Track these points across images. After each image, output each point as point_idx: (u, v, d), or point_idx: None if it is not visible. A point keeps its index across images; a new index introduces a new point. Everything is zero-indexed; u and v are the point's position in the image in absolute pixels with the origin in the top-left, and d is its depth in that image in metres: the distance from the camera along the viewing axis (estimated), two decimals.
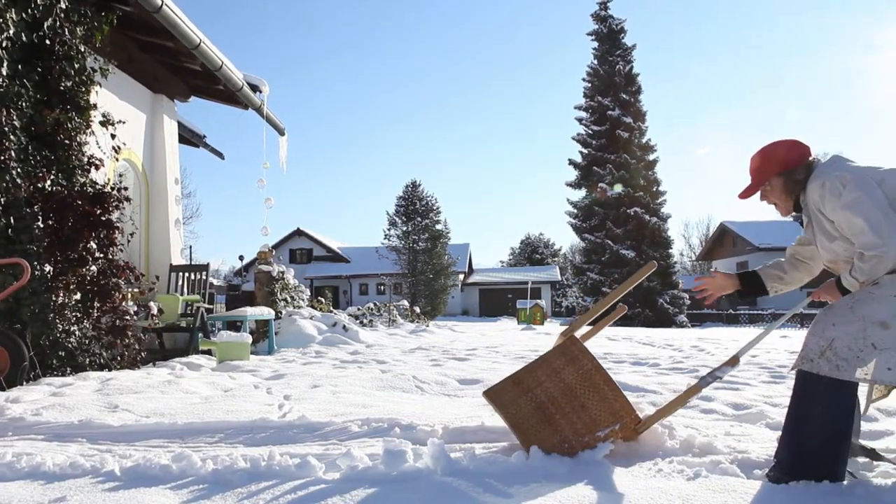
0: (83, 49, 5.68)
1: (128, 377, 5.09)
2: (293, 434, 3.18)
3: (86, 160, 5.68)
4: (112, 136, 6.22)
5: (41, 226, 5.13)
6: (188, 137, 10.67)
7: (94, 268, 5.58)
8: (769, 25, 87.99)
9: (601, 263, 32.50)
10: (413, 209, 39.31)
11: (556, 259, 63.85)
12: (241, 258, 29.99)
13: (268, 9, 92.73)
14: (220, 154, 11.82)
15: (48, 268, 5.11)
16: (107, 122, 6.18)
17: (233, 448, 2.95)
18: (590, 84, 34.77)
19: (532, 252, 65.17)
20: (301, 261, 47.13)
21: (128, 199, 5.96)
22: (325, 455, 2.67)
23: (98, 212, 5.52)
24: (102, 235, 5.57)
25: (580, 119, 34.97)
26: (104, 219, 5.57)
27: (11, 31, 4.96)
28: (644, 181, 32.48)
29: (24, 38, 5.14)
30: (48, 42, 5.34)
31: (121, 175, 7.53)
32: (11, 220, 4.88)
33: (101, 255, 5.61)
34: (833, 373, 2.17)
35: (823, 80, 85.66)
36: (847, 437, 2.24)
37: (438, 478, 2.31)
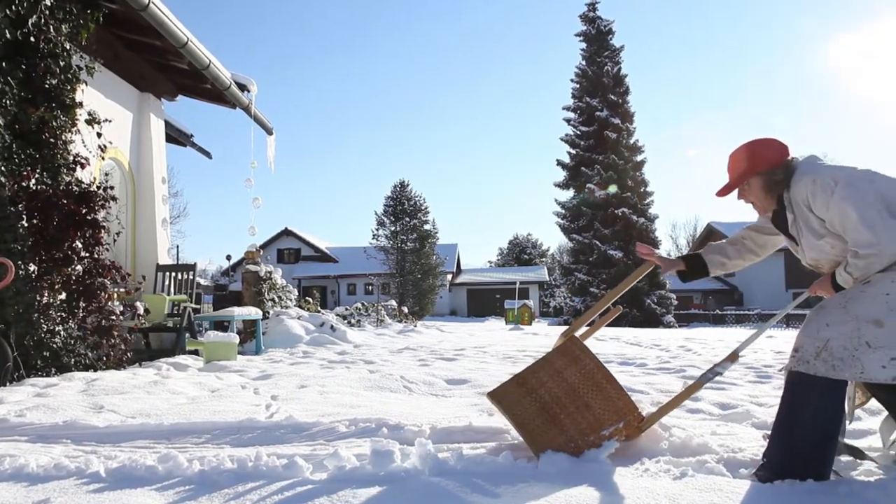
0: (69, 47, 5.64)
1: (113, 378, 5.05)
2: (280, 434, 3.17)
3: (71, 159, 5.64)
4: (98, 135, 6.17)
5: (25, 225, 5.08)
6: (175, 136, 10.61)
7: (80, 267, 5.54)
8: (758, 28, 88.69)
9: (589, 264, 32.61)
10: (401, 209, 39.26)
11: (544, 259, 63.99)
12: (229, 258, 29.83)
13: (257, 7, 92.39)
14: (208, 153, 11.77)
15: (33, 267, 5.07)
16: (93, 121, 6.13)
17: (220, 449, 2.94)
18: (578, 85, 34.88)
19: (520, 252, 65.30)
20: (289, 261, 46.96)
21: (114, 199, 5.91)
22: (313, 455, 2.66)
23: (84, 211, 5.47)
24: (88, 235, 5.53)
25: (568, 120, 35.08)
26: (90, 218, 5.52)
27: None
28: (632, 182, 32.62)
29: (9, 36, 5.09)
30: (33, 39, 5.29)
31: (107, 174, 7.48)
32: None
33: (87, 255, 5.57)
34: (829, 373, 2.19)
35: (811, 84, 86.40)
36: (836, 438, 2.26)
37: (426, 478, 2.31)
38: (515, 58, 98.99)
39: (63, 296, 5.47)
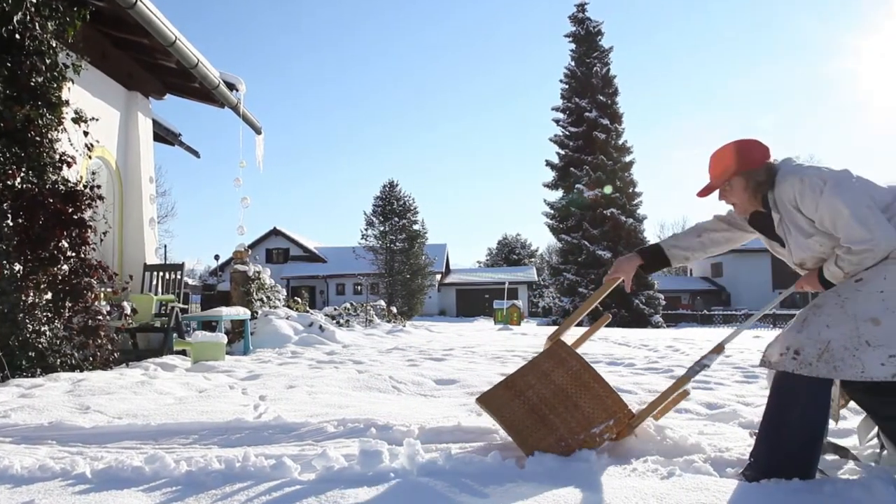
0: (55, 44, 5.58)
1: (100, 378, 5.01)
2: (268, 435, 3.16)
3: (57, 157, 5.58)
4: (85, 134, 6.12)
5: (10, 224, 5.03)
6: (163, 135, 10.55)
7: (66, 267, 5.49)
8: (745, 30, 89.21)
9: (578, 264, 32.72)
10: (390, 209, 39.22)
11: (533, 260, 64.14)
12: (217, 258, 29.70)
13: (246, 6, 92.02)
14: (196, 152, 11.72)
15: (18, 267, 5.02)
16: (79, 119, 6.07)
17: (207, 449, 2.92)
18: (567, 85, 35.00)
19: (509, 252, 65.40)
20: (277, 260, 46.82)
21: (101, 198, 5.86)
22: (301, 456, 2.66)
23: (70, 210, 5.42)
24: (74, 234, 5.48)
25: (557, 120, 35.19)
26: (76, 217, 5.47)
27: None
28: (620, 182, 32.77)
29: None
30: (18, 36, 5.24)
31: (94, 173, 7.42)
32: None
33: (73, 254, 5.51)
34: (831, 374, 2.19)
35: (797, 85, 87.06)
36: (822, 438, 2.28)
37: (414, 478, 2.30)
38: (505, 58, 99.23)
39: (49, 295, 5.42)
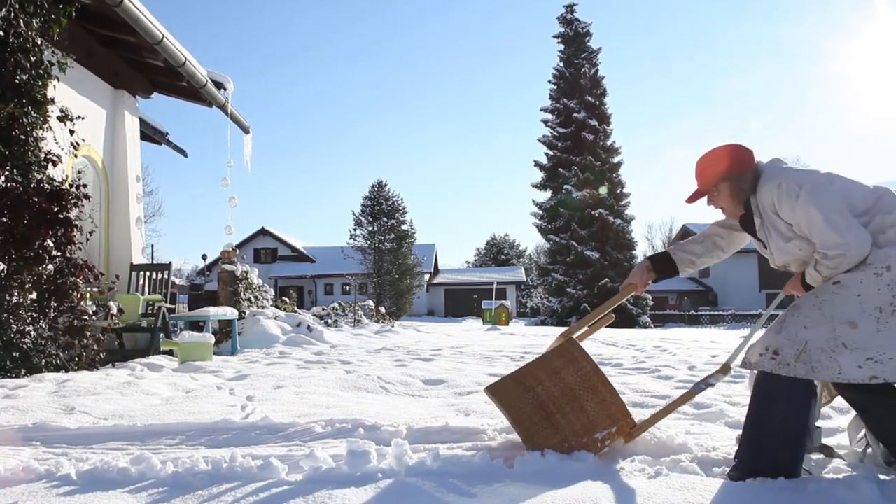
0: (40, 42, 5.53)
1: (86, 378, 4.97)
2: (256, 435, 3.15)
3: (43, 156, 5.53)
4: (71, 132, 6.07)
5: None
6: (150, 134, 10.48)
7: (51, 266, 5.44)
8: (734, 31, 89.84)
9: (566, 264, 32.83)
10: (379, 209, 39.14)
11: (522, 260, 64.26)
12: (205, 257, 29.64)
13: (234, 5, 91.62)
14: (184, 151, 11.65)
15: (2, 266, 4.96)
16: (65, 118, 6.02)
17: (194, 450, 2.91)
18: (556, 86, 35.11)
19: (497, 253, 65.50)
20: (265, 260, 46.65)
21: (87, 197, 5.82)
22: (289, 456, 2.65)
23: (55, 209, 5.38)
24: (60, 233, 5.43)
25: (546, 121, 35.29)
26: (62, 216, 5.42)
27: None
28: (609, 183, 32.90)
29: None
30: (2, 33, 5.18)
31: (80, 172, 7.36)
32: None
33: (59, 254, 5.47)
34: (809, 374, 2.21)
35: (785, 89, 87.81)
36: (805, 437, 2.30)
37: (402, 478, 2.30)
38: (494, 58, 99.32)
39: (34, 295, 5.36)
